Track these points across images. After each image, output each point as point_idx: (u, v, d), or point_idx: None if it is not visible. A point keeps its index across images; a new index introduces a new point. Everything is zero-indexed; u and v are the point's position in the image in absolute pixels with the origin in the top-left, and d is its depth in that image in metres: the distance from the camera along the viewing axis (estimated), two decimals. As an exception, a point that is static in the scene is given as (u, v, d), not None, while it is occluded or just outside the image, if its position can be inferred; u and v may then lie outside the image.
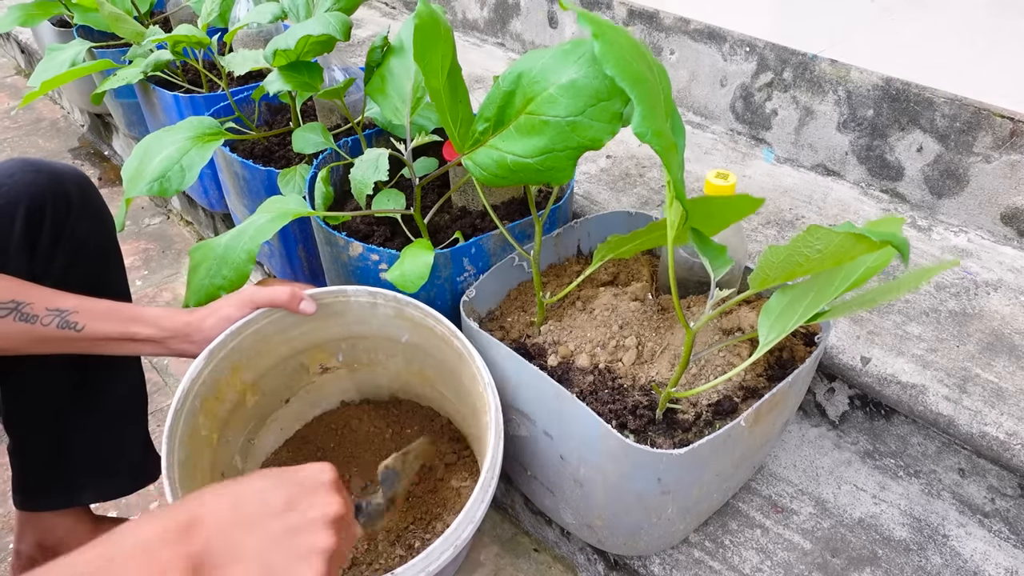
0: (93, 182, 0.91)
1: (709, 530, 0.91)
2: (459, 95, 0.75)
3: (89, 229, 0.88)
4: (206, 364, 0.82)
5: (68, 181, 0.86)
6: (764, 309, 0.67)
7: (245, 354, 0.87)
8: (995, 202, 1.14)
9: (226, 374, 0.87)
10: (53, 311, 0.79)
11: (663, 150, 0.57)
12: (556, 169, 0.70)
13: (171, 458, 0.78)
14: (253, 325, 0.86)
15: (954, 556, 0.88)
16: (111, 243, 0.94)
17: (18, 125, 2.31)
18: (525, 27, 1.78)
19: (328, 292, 0.88)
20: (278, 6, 1.09)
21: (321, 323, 0.92)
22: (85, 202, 0.87)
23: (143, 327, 0.82)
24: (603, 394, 0.81)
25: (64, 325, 0.79)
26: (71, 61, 1.33)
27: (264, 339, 0.88)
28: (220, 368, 0.85)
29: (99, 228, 0.90)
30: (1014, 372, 0.91)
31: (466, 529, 0.70)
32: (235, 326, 0.84)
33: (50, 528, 0.95)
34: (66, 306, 0.79)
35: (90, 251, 0.89)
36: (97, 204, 0.90)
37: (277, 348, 0.92)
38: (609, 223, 1.03)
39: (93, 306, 0.81)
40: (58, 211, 0.84)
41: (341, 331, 0.94)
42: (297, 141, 1.08)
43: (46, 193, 0.83)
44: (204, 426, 0.86)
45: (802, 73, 1.28)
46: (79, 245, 0.87)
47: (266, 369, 0.93)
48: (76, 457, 0.94)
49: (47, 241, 0.84)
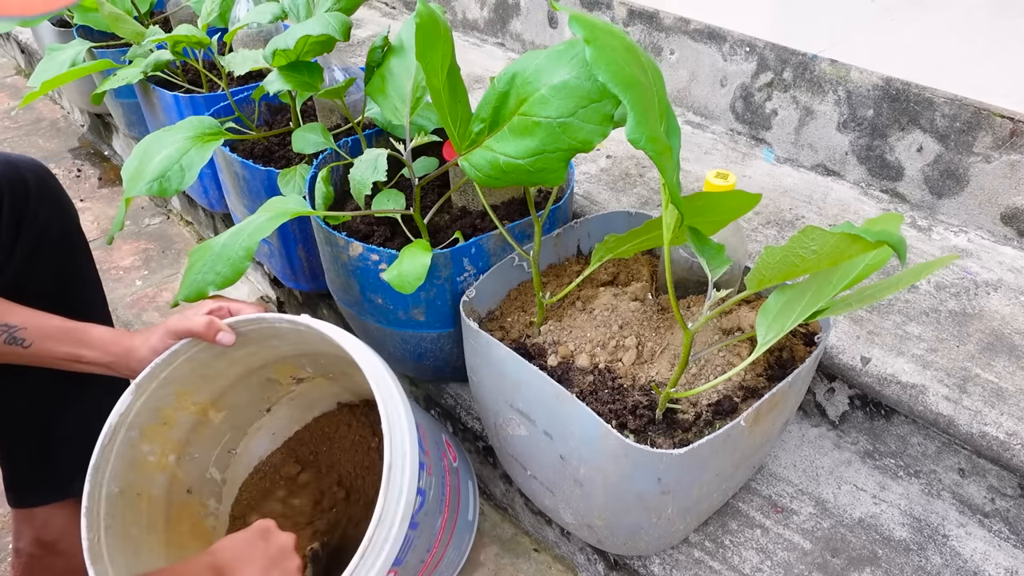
0: (51, 172, 0.90)
1: (709, 530, 0.91)
2: (459, 95, 0.75)
3: (49, 215, 0.88)
4: (136, 397, 0.82)
5: (24, 169, 0.86)
6: (762, 309, 0.67)
7: (186, 381, 0.86)
8: (995, 202, 1.14)
9: (170, 400, 0.86)
10: (1, 326, 0.78)
11: (657, 155, 0.57)
12: (547, 171, 0.69)
13: (96, 493, 0.78)
14: (181, 355, 0.84)
15: (954, 556, 0.88)
16: (74, 230, 0.93)
17: (18, 125, 2.31)
18: (525, 27, 1.78)
19: (251, 320, 0.84)
20: (278, 6, 1.09)
21: (264, 345, 0.89)
22: (43, 190, 0.87)
23: (90, 350, 0.82)
24: (603, 394, 0.81)
25: (11, 341, 0.79)
26: (71, 61, 1.33)
27: (204, 364, 0.87)
28: (159, 397, 0.84)
29: (59, 215, 0.90)
30: (1014, 372, 0.91)
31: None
32: (161, 358, 0.82)
33: (47, 523, 0.96)
34: (15, 321, 0.79)
35: (53, 238, 0.88)
36: (56, 191, 0.90)
37: (227, 369, 0.91)
38: (609, 223, 1.03)
39: (43, 323, 0.81)
40: (16, 198, 0.84)
41: (291, 350, 0.92)
42: (297, 141, 1.08)
43: (2, 181, 0.83)
44: (152, 452, 0.86)
45: (802, 73, 1.28)
46: (41, 232, 0.86)
47: (223, 388, 0.92)
48: (65, 450, 0.94)
49: (6, 228, 0.83)
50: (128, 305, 1.58)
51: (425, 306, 0.97)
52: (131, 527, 0.83)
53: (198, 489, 0.94)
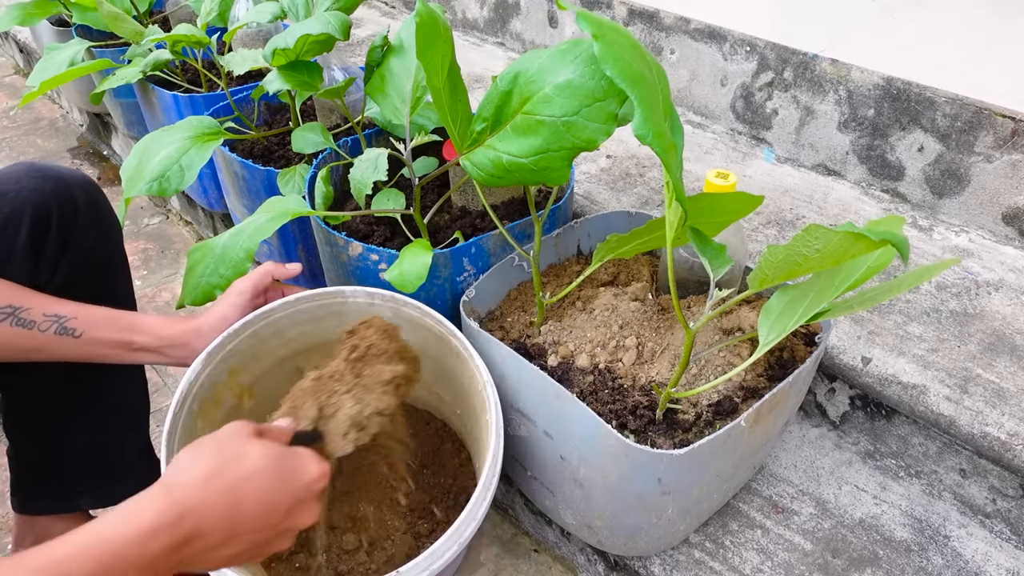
0: (100, 188, 0.90)
1: (709, 531, 0.91)
2: (459, 94, 0.74)
3: (96, 238, 0.87)
4: (204, 367, 0.82)
5: (75, 187, 0.85)
6: (764, 309, 0.67)
7: (242, 357, 0.87)
8: (996, 202, 1.13)
9: (223, 377, 0.86)
10: (51, 316, 0.78)
11: (663, 151, 0.57)
12: (551, 169, 0.69)
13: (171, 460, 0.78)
14: (250, 327, 0.85)
15: (955, 557, 0.87)
16: (117, 251, 0.93)
17: (17, 125, 2.31)
18: (525, 27, 1.77)
19: (326, 293, 0.88)
20: (277, 5, 1.08)
21: (319, 324, 0.91)
22: (92, 209, 0.86)
23: (141, 335, 0.81)
24: (603, 394, 0.81)
25: (62, 331, 0.78)
26: (70, 61, 1.33)
27: (261, 341, 0.88)
28: (218, 371, 0.84)
29: (106, 236, 0.89)
30: (1015, 372, 0.91)
31: (469, 527, 0.70)
32: (232, 328, 0.83)
33: (48, 531, 0.95)
34: (64, 312, 0.79)
35: (96, 260, 0.88)
36: (105, 211, 0.89)
37: (274, 351, 0.91)
38: (609, 223, 1.03)
39: (91, 313, 0.80)
40: (65, 219, 0.83)
41: (339, 333, 0.93)
42: (296, 141, 1.08)
43: (52, 200, 0.82)
44: (202, 430, 0.86)
45: (803, 73, 1.28)
46: (85, 254, 0.86)
47: (262, 372, 0.92)
48: (75, 462, 0.93)
49: (53, 249, 0.83)
50: (127, 305, 1.58)
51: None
52: None
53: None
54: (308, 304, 0.88)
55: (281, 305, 0.88)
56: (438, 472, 0.99)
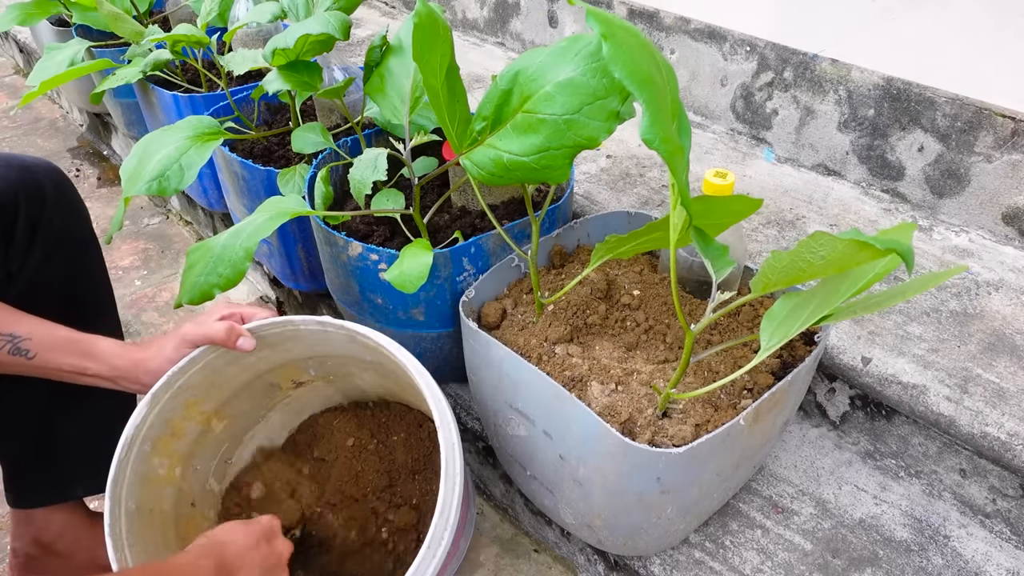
0: (67, 175, 0.90)
1: (709, 530, 0.91)
2: (457, 95, 0.74)
3: (65, 222, 0.87)
4: (150, 408, 0.81)
5: (41, 175, 0.85)
6: (767, 315, 0.67)
7: (196, 390, 0.86)
8: (996, 202, 1.13)
9: (178, 412, 0.85)
10: (6, 336, 0.77)
11: (669, 155, 0.57)
12: (552, 168, 0.69)
13: (116, 510, 0.77)
14: (198, 363, 0.83)
15: (955, 557, 0.87)
16: (88, 236, 0.92)
17: (17, 125, 2.31)
18: (525, 26, 1.77)
19: (275, 323, 0.84)
20: (277, 5, 1.08)
21: (278, 348, 0.88)
22: (60, 195, 0.86)
23: (94, 363, 0.80)
24: (602, 394, 0.80)
25: (15, 352, 0.78)
26: (70, 60, 1.33)
27: (216, 371, 0.86)
28: (170, 407, 0.83)
29: (75, 221, 0.89)
30: (1015, 372, 0.91)
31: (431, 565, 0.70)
32: (177, 367, 0.81)
33: (45, 524, 0.95)
34: (20, 331, 0.78)
35: (67, 245, 0.88)
36: (72, 197, 0.89)
37: (236, 376, 0.90)
38: (609, 223, 1.03)
39: (48, 334, 0.79)
40: (32, 205, 0.83)
41: (303, 352, 0.91)
42: (296, 141, 1.08)
43: (19, 187, 0.82)
44: (162, 465, 0.85)
45: (803, 73, 1.28)
46: (56, 239, 0.85)
47: (228, 396, 0.91)
48: (66, 453, 0.94)
49: (22, 236, 0.83)
50: (127, 305, 1.58)
51: (424, 306, 0.97)
52: (149, 544, 0.81)
53: (200, 501, 0.93)
54: (264, 332, 0.84)
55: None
56: (430, 478, 0.98)
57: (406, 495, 0.97)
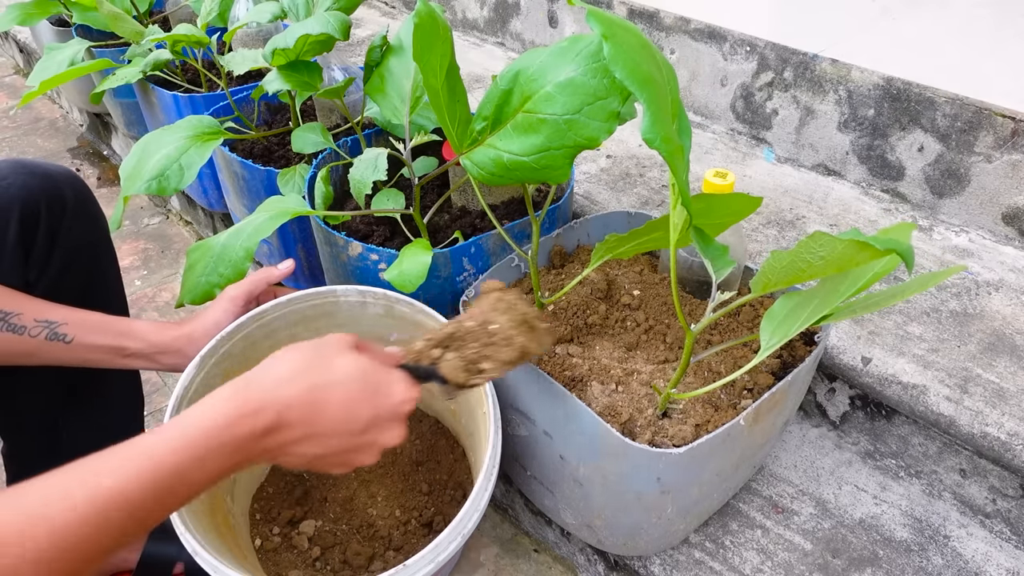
0: (87, 183, 0.90)
1: (709, 530, 0.91)
2: (457, 95, 0.74)
3: (84, 232, 0.87)
4: (198, 371, 0.82)
5: (63, 183, 0.85)
6: (767, 315, 0.67)
7: (235, 360, 0.86)
8: (996, 202, 1.13)
9: (218, 381, 0.86)
10: (42, 322, 0.78)
11: (670, 155, 0.57)
12: (552, 168, 0.69)
13: None
14: (243, 330, 0.85)
15: (955, 557, 0.87)
16: (105, 245, 0.93)
17: (16, 124, 2.31)
18: (525, 26, 1.77)
19: (317, 293, 0.87)
20: (277, 5, 1.08)
21: (310, 326, 0.90)
22: (80, 204, 0.86)
23: (133, 341, 0.81)
24: (602, 393, 0.80)
25: (53, 337, 0.78)
26: (70, 60, 1.33)
27: (253, 344, 0.87)
28: (212, 375, 0.84)
29: (94, 232, 0.89)
30: (1015, 372, 0.91)
31: (472, 517, 0.71)
32: (225, 331, 0.83)
33: None
34: (55, 317, 0.78)
35: (84, 255, 0.88)
36: (92, 206, 0.89)
37: (266, 353, 0.90)
38: (609, 223, 1.03)
39: (83, 318, 0.80)
40: (53, 214, 0.83)
41: (332, 331, 0.92)
42: (296, 141, 1.08)
43: (40, 196, 0.82)
44: None
45: (803, 73, 1.28)
46: (74, 249, 0.86)
47: None
48: (71, 458, 0.93)
49: (42, 245, 0.83)
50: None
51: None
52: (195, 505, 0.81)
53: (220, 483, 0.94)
54: (301, 304, 0.88)
55: (274, 307, 0.87)
56: (434, 469, 0.99)
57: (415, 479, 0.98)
